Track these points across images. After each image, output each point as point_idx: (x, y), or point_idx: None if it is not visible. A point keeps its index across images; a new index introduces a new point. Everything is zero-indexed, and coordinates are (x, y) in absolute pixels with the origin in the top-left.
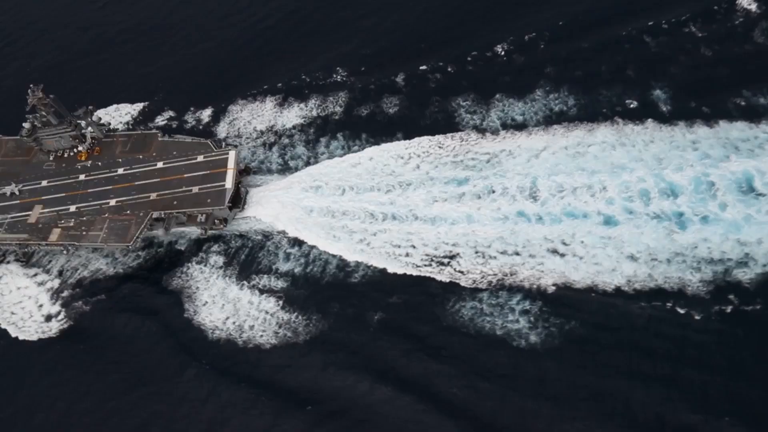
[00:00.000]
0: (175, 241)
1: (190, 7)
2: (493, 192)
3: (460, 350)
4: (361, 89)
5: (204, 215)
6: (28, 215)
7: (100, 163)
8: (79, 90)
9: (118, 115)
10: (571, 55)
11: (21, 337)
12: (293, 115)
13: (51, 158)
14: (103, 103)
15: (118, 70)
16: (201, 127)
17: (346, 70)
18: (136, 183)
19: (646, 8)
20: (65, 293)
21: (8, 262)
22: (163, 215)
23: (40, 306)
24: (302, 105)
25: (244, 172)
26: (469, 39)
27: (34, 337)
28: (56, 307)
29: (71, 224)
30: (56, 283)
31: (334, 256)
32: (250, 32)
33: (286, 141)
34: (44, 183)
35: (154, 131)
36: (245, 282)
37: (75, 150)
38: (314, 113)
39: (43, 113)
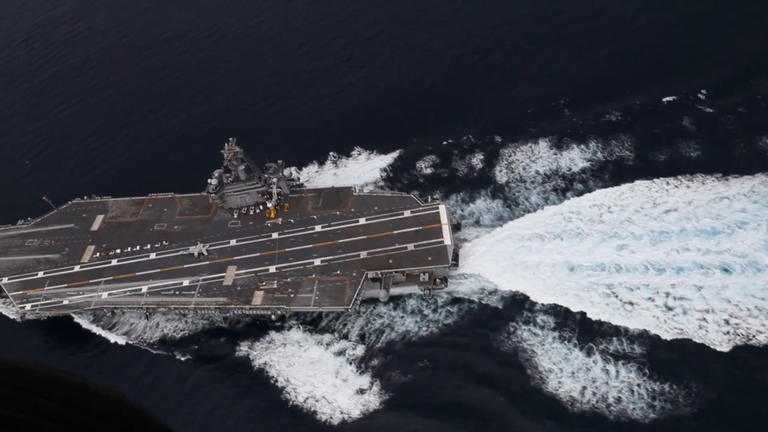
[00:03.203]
0: (483, 298)
1: (400, 38)
2: None
3: None
4: (644, 131)
5: (427, 274)
6: (222, 277)
7: (292, 221)
8: (307, 139)
9: (371, 165)
10: None
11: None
12: (576, 158)
13: (235, 216)
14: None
15: (348, 116)
16: (475, 174)
17: (615, 109)
18: (340, 241)
19: None
20: (374, 362)
21: (289, 328)
22: (379, 275)
23: (345, 380)
24: (582, 147)
25: (455, 227)
26: (725, 66)
27: (356, 412)
28: (366, 379)
29: (274, 286)
30: (360, 350)
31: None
32: (463, 62)
33: (579, 186)
34: (233, 242)
35: (348, 186)
36: (592, 345)
37: (261, 207)
38: (599, 156)
39: (234, 167)
